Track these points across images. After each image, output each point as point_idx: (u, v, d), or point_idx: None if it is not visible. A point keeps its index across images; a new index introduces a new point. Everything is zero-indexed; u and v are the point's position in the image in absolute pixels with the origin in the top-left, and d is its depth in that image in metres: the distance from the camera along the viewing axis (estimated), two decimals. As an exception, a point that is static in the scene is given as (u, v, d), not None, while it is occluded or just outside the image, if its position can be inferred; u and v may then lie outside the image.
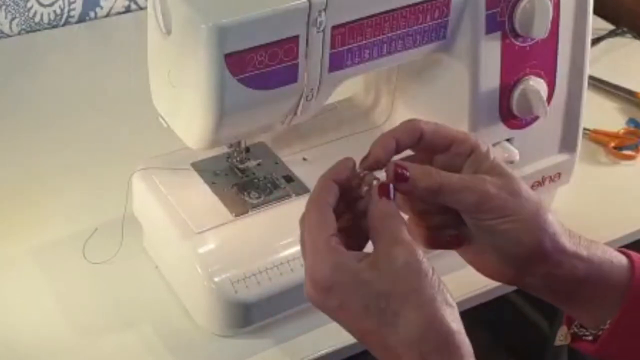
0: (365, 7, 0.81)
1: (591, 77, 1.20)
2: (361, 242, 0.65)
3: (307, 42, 0.78)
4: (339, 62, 0.82)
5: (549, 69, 0.94)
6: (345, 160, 0.66)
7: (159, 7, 0.79)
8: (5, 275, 0.94)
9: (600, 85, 1.29)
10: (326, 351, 0.87)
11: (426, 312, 0.59)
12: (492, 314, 1.19)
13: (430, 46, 0.87)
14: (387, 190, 0.64)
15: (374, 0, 0.81)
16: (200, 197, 0.91)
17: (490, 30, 0.89)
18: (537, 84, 0.93)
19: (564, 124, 0.99)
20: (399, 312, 0.60)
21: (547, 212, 0.65)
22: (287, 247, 0.87)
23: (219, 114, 0.78)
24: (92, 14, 1.42)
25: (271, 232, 0.88)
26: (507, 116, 0.94)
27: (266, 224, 0.89)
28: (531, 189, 0.67)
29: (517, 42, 0.91)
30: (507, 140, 0.95)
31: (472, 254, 0.68)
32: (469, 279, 0.76)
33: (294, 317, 0.89)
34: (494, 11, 0.88)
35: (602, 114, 1.24)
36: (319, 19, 0.78)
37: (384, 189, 0.64)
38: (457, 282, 0.85)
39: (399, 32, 0.84)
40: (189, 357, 0.87)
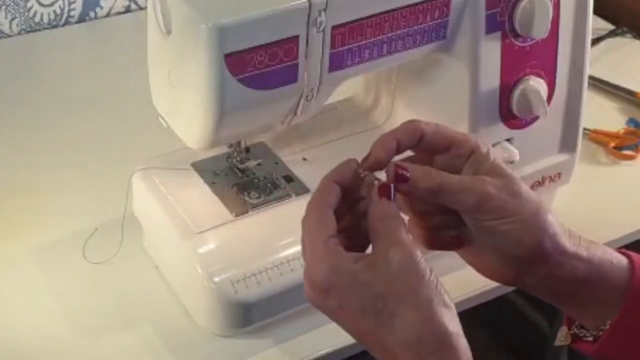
0: (365, 7, 0.81)
1: (591, 77, 1.20)
2: (363, 243, 0.65)
3: (307, 42, 0.78)
4: (339, 62, 0.82)
5: (549, 69, 0.94)
6: (348, 161, 0.66)
7: (159, 7, 0.79)
8: (5, 275, 0.94)
9: (600, 85, 1.29)
10: (326, 351, 0.87)
11: (423, 314, 0.59)
12: (492, 314, 1.19)
13: (430, 46, 0.87)
14: (387, 190, 0.63)
15: (374, 0, 0.81)
16: (200, 197, 0.91)
17: (490, 30, 0.89)
18: (537, 84, 0.93)
19: (564, 124, 0.99)
20: (395, 313, 0.60)
21: (547, 213, 0.65)
22: (287, 247, 0.87)
23: (219, 114, 0.78)
24: (92, 14, 1.42)
25: (271, 232, 0.88)
26: (507, 116, 0.94)
27: (266, 224, 0.89)
28: (531, 189, 0.67)
29: (517, 42, 0.91)
30: (507, 140, 0.95)
31: (472, 255, 0.68)
32: (468, 279, 0.76)
33: (294, 317, 0.89)
34: (494, 11, 0.88)
35: (602, 114, 1.24)
36: (319, 19, 0.78)
37: (384, 190, 0.64)
38: (457, 282, 0.86)
39: (399, 32, 0.84)
40: (189, 357, 0.87)
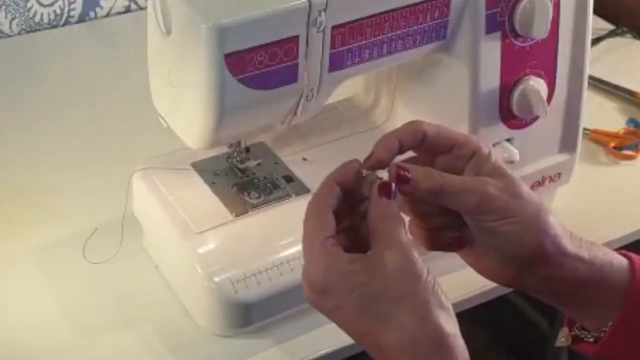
0: (365, 7, 0.81)
1: (591, 77, 1.20)
2: (364, 244, 0.64)
3: (307, 42, 0.78)
4: (339, 62, 0.82)
5: (549, 69, 0.94)
6: (350, 162, 0.66)
7: (159, 7, 0.79)
8: (5, 275, 0.94)
9: (600, 85, 1.29)
10: (326, 351, 0.87)
11: (419, 315, 0.59)
12: (492, 314, 1.19)
13: (430, 46, 0.87)
14: (387, 190, 0.63)
15: (374, 0, 0.81)
16: (200, 197, 0.91)
17: (490, 30, 0.89)
18: (537, 84, 0.93)
19: (564, 124, 0.99)
20: (391, 315, 0.59)
21: (549, 214, 0.65)
22: (287, 247, 0.87)
23: (219, 114, 0.78)
24: (92, 14, 1.42)
25: (271, 232, 0.88)
26: (507, 116, 0.94)
27: (266, 224, 0.89)
28: (531, 189, 0.67)
29: (517, 42, 0.91)
30: (507, 140, 0.95)
31: (473, 256, 0.68)
32: (468, 279, 0.76)
33: (294, 317, 0.89)
34: (494, 11, 0.88)
35: (602, 114, 1.24)
36: (319, 19, 0.78)
37: (384, 189, 0.63)
38: (457, 282, 0.86)
39: (399, 32, 0.84)
40: (189, 357, 0.87)
